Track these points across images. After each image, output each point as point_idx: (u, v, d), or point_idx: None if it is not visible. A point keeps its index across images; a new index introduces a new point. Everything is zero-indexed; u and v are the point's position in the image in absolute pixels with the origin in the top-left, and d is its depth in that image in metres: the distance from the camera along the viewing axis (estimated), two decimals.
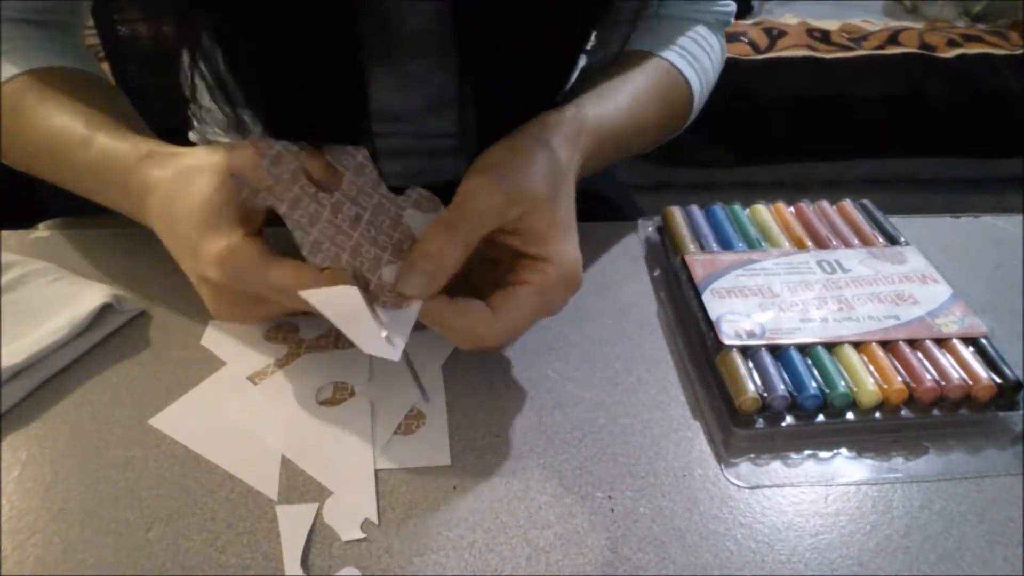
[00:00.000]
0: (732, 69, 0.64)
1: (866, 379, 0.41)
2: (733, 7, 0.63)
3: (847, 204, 0.56)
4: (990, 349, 0.43)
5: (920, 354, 0.43)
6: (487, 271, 0.41)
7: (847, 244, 0.52)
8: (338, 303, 0.36)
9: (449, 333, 0.39)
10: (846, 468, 0.40)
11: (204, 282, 0.39)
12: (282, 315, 0.41)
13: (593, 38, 0.61)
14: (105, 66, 0.79)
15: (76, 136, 0.45)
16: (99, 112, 0.47)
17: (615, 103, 0.50)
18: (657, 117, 0.55)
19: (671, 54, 0.56)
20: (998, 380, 0.42)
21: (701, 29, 0.59)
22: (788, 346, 0.43)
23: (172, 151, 0.43)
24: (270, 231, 0.41)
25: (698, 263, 0.49)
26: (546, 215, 0.39)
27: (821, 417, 0.41)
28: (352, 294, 0.36)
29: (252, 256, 0.37)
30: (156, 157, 0.42)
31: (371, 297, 0.38)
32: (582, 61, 0.61)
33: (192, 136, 0.67)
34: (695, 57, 0.57)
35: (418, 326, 0.37)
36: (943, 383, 0.41)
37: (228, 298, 0.40)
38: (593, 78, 0.52)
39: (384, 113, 0.57)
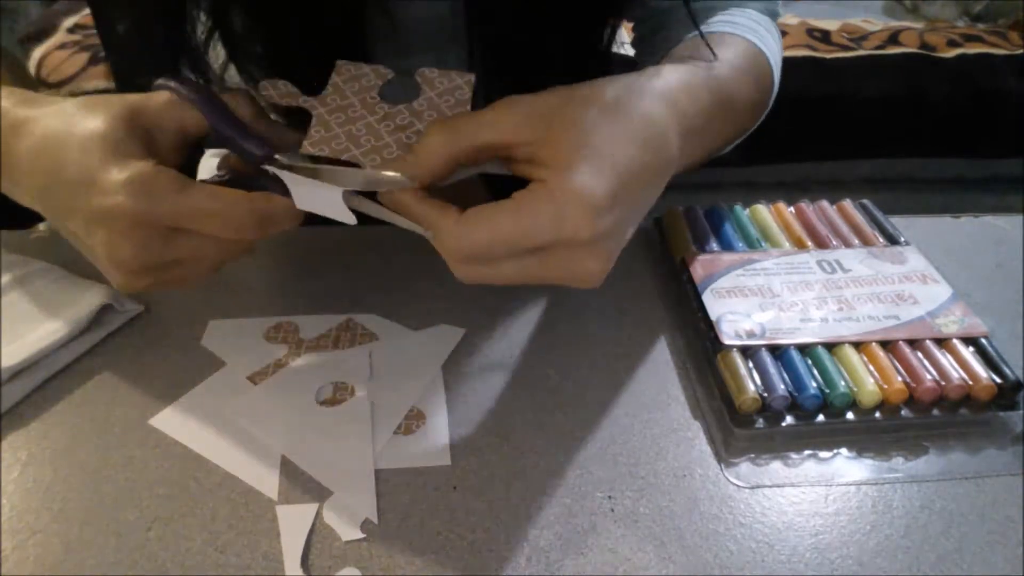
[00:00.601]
0: None
1: (866, 379, 0.41)
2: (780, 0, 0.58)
3: (847, 204, 0.56)
4: (990, 349, 0.43)
5: (920, 354, 0.43)
6: None
7: (847, 244, 0.52)
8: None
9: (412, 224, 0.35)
10: (846, 468, 0.40)
11: (102, 221, 0.34)
12: (188, 264, 0.37)
13: (627, 42, 0.58)
14: (105, 66, 0.79)
15: None
16: None
17: (712, 72, 0.44)
18: (751, 92, 0.49)
19: (743, 30, 0.51)
20: (998, 380, 0.42)
21: (755, 14, 0.55)
22: (788, 346, 0.43)
23: (56, 99, 0.38)
24: None
25: (698, 263, 0.49)
26: (570, 143, 0.33)
27: (821, 417, 0.41)
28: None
29: (170, 179, 0.34)
30: (33, 102, 0.37)
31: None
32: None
33: None
34: (761, 36, 0.53)
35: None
36: (943, 383, 0.41)
37: (134, 233, 0.34)
38: (671, 56, 0.47)
39: None
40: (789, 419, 0.41)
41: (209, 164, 0.42)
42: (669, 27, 0.55)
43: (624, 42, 0.58)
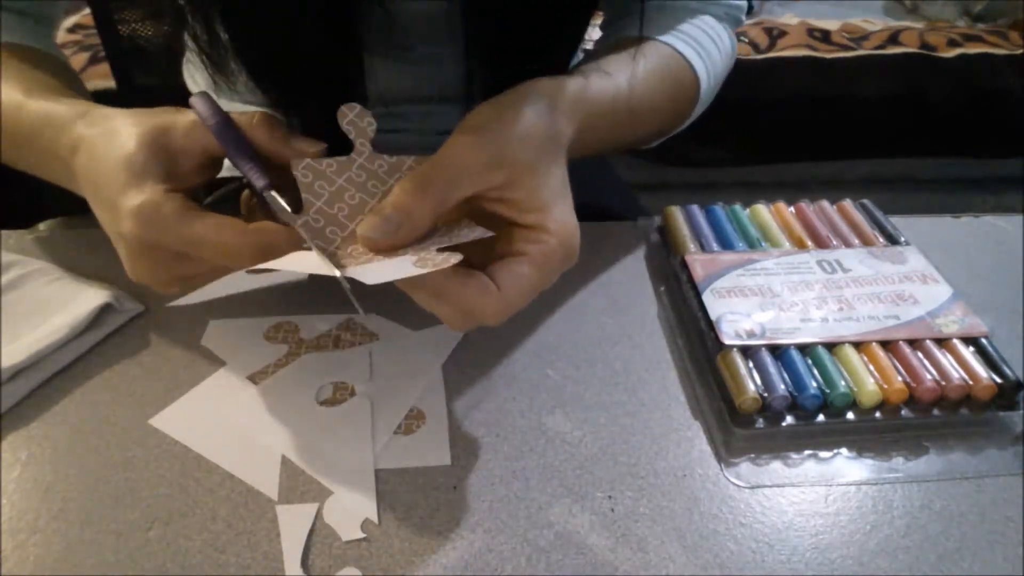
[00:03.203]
0: (732, 69, 0.63)
1: (866, 379, 0.41)
2: (745, 5, 0.62)
3: (847, 204, 0.56)
4: (990, 349, 0.43)
5: (920, 354, 0.43)
6: (480, 245, 0.38)
7: (847, 244, 0.52)
8: (298, 263, 0.36)
9: (447, 309, 0.36)
10: (846, 468, 0.40)
11: (121, 239, 0.38)
12: (201, 278, 0.39)
13: (598, 32, 0.61)
14: (105, 66, 0.79)
15: (13, 102, 0.44)
16: (43, 80, 0.45)
17: (616, 81, 0.48)
18: (661, 102, 0.53)
19: (677, 42, 0.55)
20: (998, 380, 0.42)
21: (710, 20, 0.58)
22: (788, 346, 0.43)
23: (106, 112, 0.41)
24: None
25: (698, 263, 0.49)
26: (535, 182, 0.37)
27: (821, 417, 0.41)
28: (311, 257, 0.36)
29: (173, 209, 0.36)
30: (89, 117, 0.41)
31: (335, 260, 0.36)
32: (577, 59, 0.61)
33: None
34: (702, 46, 0.56)
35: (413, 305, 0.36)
36: (943, 383, 0.41)
37: (146, 255, 0.38)
38: (596, 58, 0.50)
39: (391, 99, 0.57)
40: (789, 419, 0.41)
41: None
42: (631, 15, 0.57)
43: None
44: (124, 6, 0.75)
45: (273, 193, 0.38)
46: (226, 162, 0.42)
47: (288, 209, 0.37)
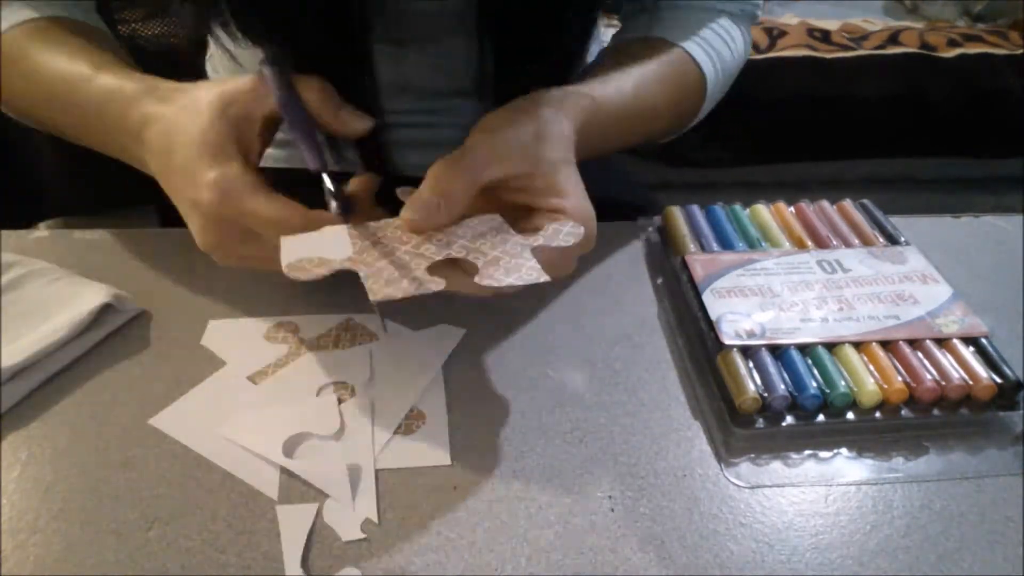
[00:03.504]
0: None
1: (866, 379, 0.41)
2: (760, 2, 0.63)
3: (847, 204, 0.56)
4: (990, 349, 0.43)
5: (920, 354, 0.43)
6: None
7: (847, 244, 0.52)
8: (326, 246, 0.37)
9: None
10: (846, 468, 0.40)
11: (196, 208, 0.40)
12: (261, 261, 0.41)
13: (605, 31, 0.62)
14: None
15: (80, 74, 0.46)
16: (104, 55, 0.47)
17: (619, 86, 0.50)
18: (666, 103, 0.55)
19: (686, 42, 0.56)
20: (998, 380, 0.42)
21: (724, 20, 0.59)
22: (788, 346, 0.43)
23: (175, 87, 0.43)
24: None
25: (698, 263, 0.49)
26: (554, 174, 0.40)
27: (821, 417, 0.41)
28: (339, 233, 0.38)
29: (245, 184, 0.38)
30: (158, 92, 0.43)
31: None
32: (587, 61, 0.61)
33: None
34: (712, 46, 0.57)
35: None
36: (943, 383, 0.41)
37: (216, 227, 0.40)
38: (604, 61, 0.52)
39: (404, 94, 0.57)
40: (789, 419, 0.41)
41: None
42: (646, 12, 0.59)
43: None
44: (124, 6, 0.76)
45: (325, 176, 0.40)
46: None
47: (333, 191, 0.39)
